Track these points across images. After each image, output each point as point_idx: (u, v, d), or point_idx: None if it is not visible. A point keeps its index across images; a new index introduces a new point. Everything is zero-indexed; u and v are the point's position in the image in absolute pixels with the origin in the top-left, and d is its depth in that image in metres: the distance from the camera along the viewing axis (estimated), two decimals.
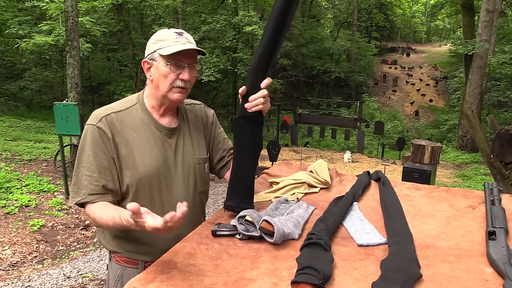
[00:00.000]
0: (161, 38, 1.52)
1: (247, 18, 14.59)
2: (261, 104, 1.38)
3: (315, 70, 26.61)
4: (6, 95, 16.70)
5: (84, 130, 1.54)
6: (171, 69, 1.49)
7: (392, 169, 11.09)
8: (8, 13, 14.29)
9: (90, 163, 1.49)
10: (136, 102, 1.60)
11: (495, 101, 20.27)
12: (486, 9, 14.76)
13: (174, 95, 1.53)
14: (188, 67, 1.52)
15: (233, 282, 1.04)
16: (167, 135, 1.60)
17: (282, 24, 1.31)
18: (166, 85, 1.51)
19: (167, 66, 1.49)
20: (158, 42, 1.52)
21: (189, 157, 1.64)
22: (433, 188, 1.71)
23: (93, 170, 1.49)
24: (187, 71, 1.52)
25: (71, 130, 6.57)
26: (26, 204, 6.16)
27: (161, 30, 1.57)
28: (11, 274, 4.44)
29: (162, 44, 1.50)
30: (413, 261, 1.10)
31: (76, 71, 8.07)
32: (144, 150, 1.54)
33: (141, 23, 17.90)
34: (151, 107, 1.60)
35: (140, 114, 1.58)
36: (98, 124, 1.51)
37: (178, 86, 1.52)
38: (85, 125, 1.53)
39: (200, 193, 1.70)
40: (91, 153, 1.50)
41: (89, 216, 1.50)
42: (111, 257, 1.67)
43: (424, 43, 47.56)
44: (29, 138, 10.92)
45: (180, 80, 1.51)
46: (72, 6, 7.97)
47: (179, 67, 1.50)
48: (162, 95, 1.54)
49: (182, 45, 1.48)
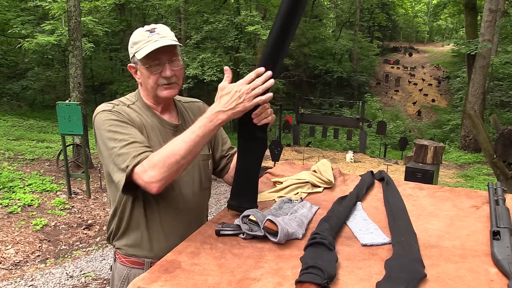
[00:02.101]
0: (135, 41, 1.50)
1: (250, 17, 14.58)
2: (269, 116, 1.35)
3: (317, 70, 26.59)
4: (9, 95, 16.74)
5: (97, 118, 1.46)
6: (151, 70, 1.48)
7: (394, 169, 11.07)
8: (11, 13, 14.33)
9: (126, 134, 1.40)
10: (136, 100, 1.59)
11: (497, 101, 20.21)
12: (489, 8, 14.72)
13: (163, 92, 1.52)
14: (168, 63, 1.49)
15: (237, 282, 1.04)
16: (171, 131, 1.58)
17: (289, 22, 1.25)
18: (151, 85, 1.51)
19: (146, 68, 1.48)
20: (134, 45, 1.50)
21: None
22: (437, 188, 1.71)
23: (132, 137, 1.39)
24: (167, 67, 1.49)
25: (74, 129, 6.58)
26: (29, 203, 6.18)
27: (135, 31, 1.54)
28: (14, 273, 4.45)
29: (137, 46, 1.48)
30: (418, 261, 1.10)
31: (78, 71, 8.09)
32: (153, 148, 1.48)
33: (143, 23, 17.86)
34: (150, 105, 1.59)
35: (143, 111, 1.56)
36: (115, 109, 1.47)
37: (164, 84, 1.51)
38: (98, 114, 1.46)
39: (205, 189, 1.70)
40: (121, 127, 1.42)
41: (149, 169, 1.30)
42: (115, 258, 1.64)
43: (427, 43, 47.45)
44: (31, 138, 10.95)
45: (163, 78, 1.50)
46: (74, 6, 7.99)
47: (158, 66, 1.48)
48: (153, 95, 1.54)
49: (155, 43, 1.45)
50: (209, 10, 17.26)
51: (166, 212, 1.54)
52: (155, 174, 1.29)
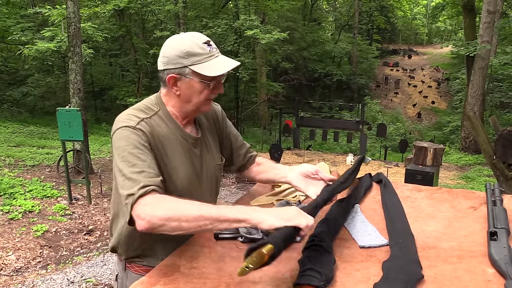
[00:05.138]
0: (191, 52, 1.37)
1: (248, 22, 14.60)
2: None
3: (317, 73, 26.66)
4: (9, 101, 16.76)
5: (118, 132, 1.35)
6: (208, 86, 1.41)
7: (395, 172, 11.07)
8: (10, 20, 14.38)
9: (142, 160, 1.30)
10: (158, 109, 1.47)
11: (497, 102, 20.22)
12: (487, 10, 14.75)
13: (206, 106, 1.48)
14: (221, 79, 1.46)
15: (236, 285, 1.05)
16: (192, 144, 1.51)
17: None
18: (200, 100, 1.43)
19: (204, 84, 1.40)
20: (189, 56, 1.37)
21: (212, 165, 1.58)
22: (434, 190, 1.72)
23: (147, 166, 1.29)
24: (221, 84, 1.46)
25: (74, 135, 6.58)
26: (30, 209, 6.17)
27: (186, 38, 1.41)
28: (15, 280, 4.45)
29: (196, 59, 1.38)
30: (415, 262, 1.11)
31: (78, 77, 8.11)
32: (176, 161, 1.45)
33: (142, 28, 17.95)
34: (174, 116, 1.49)
35: (166, 122, 1.46)
36: (138, 126, 1.37)
37: (210, 99, 1.47)
38: (121, 129, 1.35)
39: (217, 195, 1.68)
40: (139, 151, 1.32)
41: (156, 211, 1.17)
42: (126, 267, 1.55)
43: (426, 45, 47.54)
44: (32, 144, 10.96)
45: (214, 94, 1.45)
46: (74, 12, 8.01)
47: (214, 82, 1.43)
48: (193, 109, 1.47)
49: (223, 64, 1.40)
50: (208, 14, 17.31)
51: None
52: (153, 217, 1.17)
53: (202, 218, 1.13)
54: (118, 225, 1.52)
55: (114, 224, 1.55)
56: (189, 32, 1.46)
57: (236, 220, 1.12)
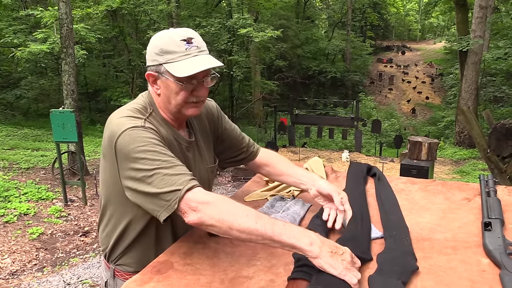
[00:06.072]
0: (166, 49, 1.28)
1: (242, 20, 14.58)
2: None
3: (311, 71, 26.65)
4: (3, 104, 16.65)
5: (124, 135, 1.23)
6: (184, 87, 1.30)
7: (390, 167, 11.10)
8: (2, 22, 14.25)
9: (169, 155, 1.22)
10: (151, 110, 1.37)
11: (491, 96, 20.32)
12: (479, 5, 14.81)
13: (189, 110, 1.35)
14: (203, 81, 1.33)
15: (230, 280, 1.04)
16: (186, 148, 1.43)
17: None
18: (178, 102, 1.32)
19: (178, 84, 1.29)
20: (164, 54, 1.29)
21: (203, 168, 1.51)
22: (428, 182, 1.72)
23: (176, 160, 1.22)
24: (202, 86, 1.33)
25: (68, 137, 6.55)
26: (25, 212, 6.14)
27: (164, 35, 1.33)
28: (11, 283, 4.43)
29: (170, 57, 1.28)
30: (409, 254, 1.11)
31: (72, 78, 8.07)
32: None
33: (136, 29, 17.87)
34: (166, 118, 1.40)
35: (161, 124, 1.37)
36: (147, 125, 1.27)
37: (192, 102, 1.33)
38: (128, 130, 1.23)
39: None
40: (162, 148, 1.23)
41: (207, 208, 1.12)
42: (115, 275, 1.47)
43: (419, 41, 47.69)
44: (26, 147, 10.89)
45: (194, 96, 1.33)
46: (66, 13, 7.97)
47: (192, 84, 1.30)
48: (175, 110, 1.36)
49: (195, 61, 1.27)
50: (201, 14, 17.27)
51: (177, 226, 1.41)
52: (206, 214, 1.12)
53: (255, 233, 1.06)
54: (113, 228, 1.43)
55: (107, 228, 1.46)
56: (177, 28, 1.37)
57: (290, 246, 1.03)
